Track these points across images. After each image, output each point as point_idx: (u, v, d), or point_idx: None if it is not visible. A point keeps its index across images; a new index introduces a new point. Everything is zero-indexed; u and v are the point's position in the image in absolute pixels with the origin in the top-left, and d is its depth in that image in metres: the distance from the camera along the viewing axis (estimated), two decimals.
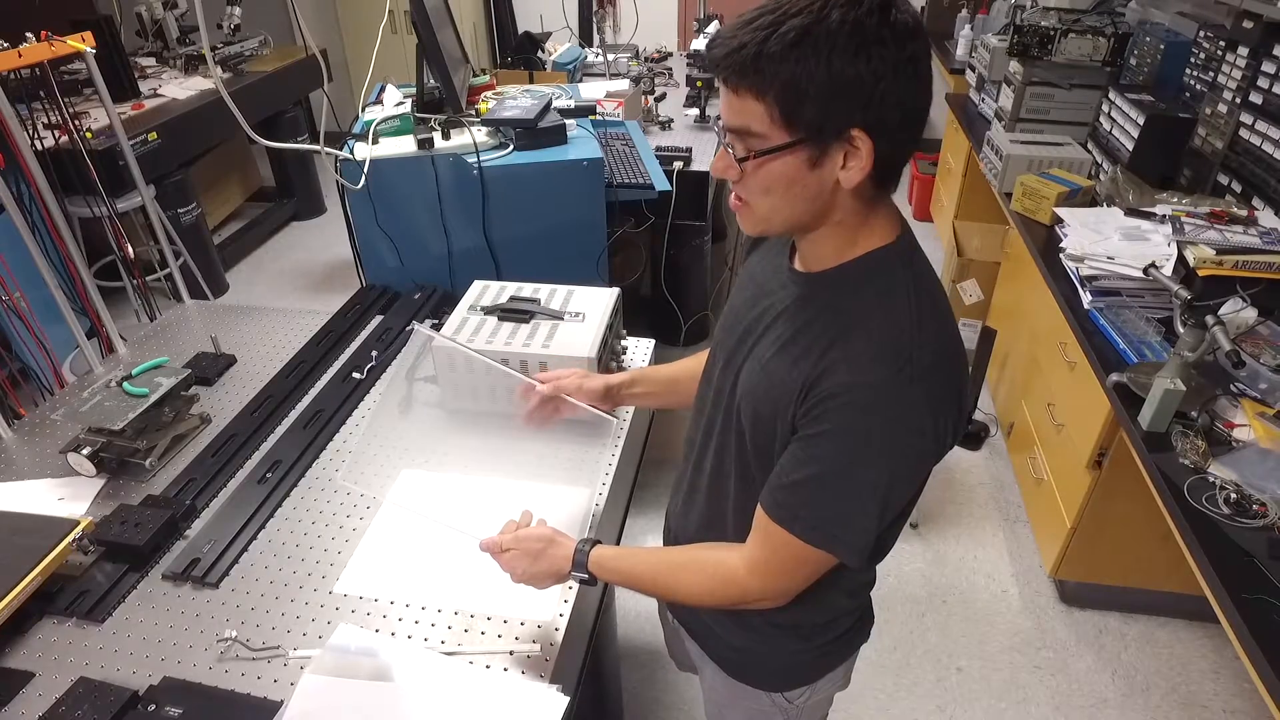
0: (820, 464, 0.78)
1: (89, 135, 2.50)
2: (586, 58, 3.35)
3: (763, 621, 1.00)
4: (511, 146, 1.94)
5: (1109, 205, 2.26)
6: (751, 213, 0.79)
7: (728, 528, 0.97)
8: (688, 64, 2.97)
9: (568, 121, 2.04)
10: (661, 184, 2.16)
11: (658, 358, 1.61)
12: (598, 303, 1.45)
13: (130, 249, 2.44)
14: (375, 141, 1.92)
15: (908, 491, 0.82)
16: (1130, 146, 2.45)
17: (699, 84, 2.84)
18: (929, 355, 0.75)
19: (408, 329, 1.28)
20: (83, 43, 1.55)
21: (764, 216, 0.79)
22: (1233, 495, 1.34)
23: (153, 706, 0.93)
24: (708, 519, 1.02)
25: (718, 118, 0.77)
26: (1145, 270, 1.81)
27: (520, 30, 4.32)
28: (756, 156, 0.73)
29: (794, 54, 0.67)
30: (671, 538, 1.13)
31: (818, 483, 0.79)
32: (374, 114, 2.04)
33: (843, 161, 0.71)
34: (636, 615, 2.11)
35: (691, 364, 1.16)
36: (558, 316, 1.41)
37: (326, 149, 1.80)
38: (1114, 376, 1.65)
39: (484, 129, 1.96)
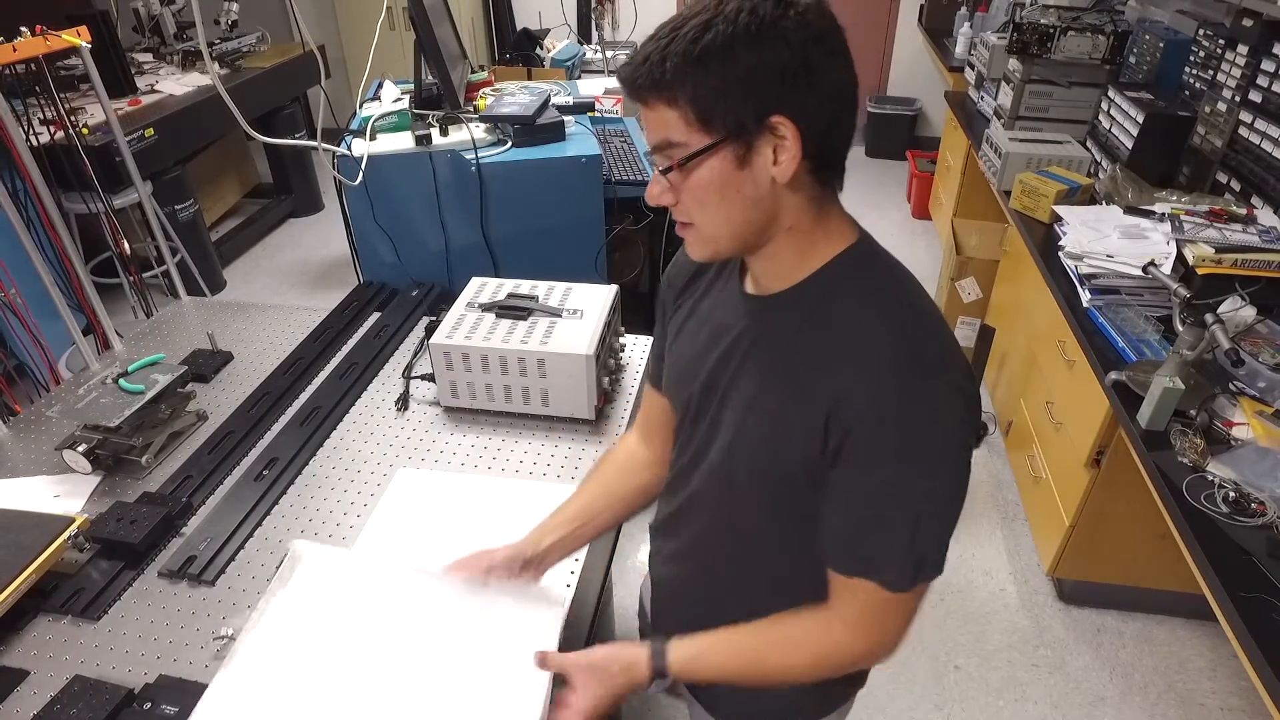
0: (878, 497, 0.73)
1: (85, 131, 2.49)
2: (585, 54, 3.35)
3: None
4: (510, 143, 1.94)
5: (1108, 203, 2.26)
6: (697, 233, 0.75)
7: (722, 575, 0.94)
8: None
9: (566, 118, 2.03)
10: None
11: None
12: (596, 300, 1.45)
13: (126, 245, 2.43)
14: (373, 138, 1.91)
15: (966, 485, 0.75)
16: (1129, 145, 2.45)
17: None
18: (935, 346, 0.73)
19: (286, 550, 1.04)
20: (78, 37, 1.54)
21: (710, 235, 0.75)
22: (1231, 494, 1.33)
23: (148, 704, 0.93)
24: (696, 568, 0.98)
25: (647, 151, 0.75)
26: (1144, 268, 1.81)
27: (519, 27, 4.31)
28: (680, 166, 0.70)
29: (697, 50, 0.65)
30: (662, 578, 1.07)
31: (886, 517, 0.73)
32: (372, 110, 2.04)
33: (774, 157, 0.69)
34: (633, 614, 2.11)
35: (597, 483, 1.06)
36: (556, 314, 1.40)
37: (324, 145, 1.79)
38: (1113, 375, 1.65)
39: (482, 125, 1.96)
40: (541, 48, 3.31)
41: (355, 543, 1.16)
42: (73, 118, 2.29)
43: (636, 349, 1.60)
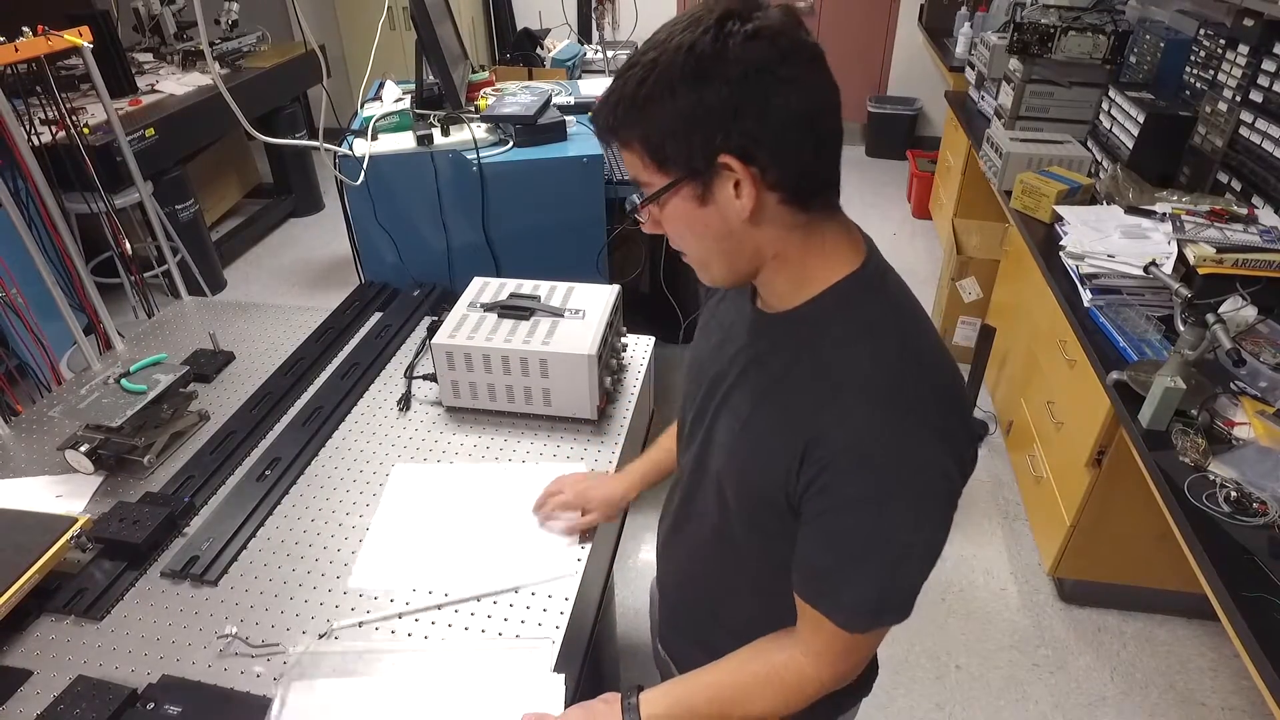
0: (847, 541, 0.72)
1: (86, 131, 2.49)
2: (586, 54, 3.35)
3: None
4: (511, 143, 1.94)
5: (1109, 203, 2.26)
6: (693, 262, 0.77)
7: (713, 583, 0.96)
8: None
9: (567, 118, 2.03)
10: None
11: (657, 355, 1.61)
12: (598, 300, 1.45)
13: (128, 245, 2.43)
14: (374, 138, 1.91)
15: (945, 534, 0.73)
16: (1130, 144, 2.45)
17: None
18: (926, 388, 0.70)
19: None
20: (80, 37, 1.54)
21: (700, 264, 0.76)
22: (1233, 493, 1.34)
23: (151, 705, 0.93)
24: (690, 572, 1.00)
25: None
26: (1145, 268, 1.81)
27: (519, 27, 4.31)
28: (644, 204, 0.72)
29: (643, 93, 0.65)
30: (661, 576, 1.10)
31: (852, 562, 0.72)
32: (373, 110, 2.04)
33: (735, 192, 0.67)
34: (636, 613, 2.11)
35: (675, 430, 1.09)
36: (558, 314, 1.40)
37: (326, 145, 1.79)
38: (1114, 374, 1.65)
39: (483, 125, 1.96)
40: (542, 48, 3.31)
41: (365, 541, 1.17)
42: (73, 117, 2.29)
43: (638, 349, 1.60)
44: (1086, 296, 1.92)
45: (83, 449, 1.27)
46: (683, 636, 1.08)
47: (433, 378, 1.43)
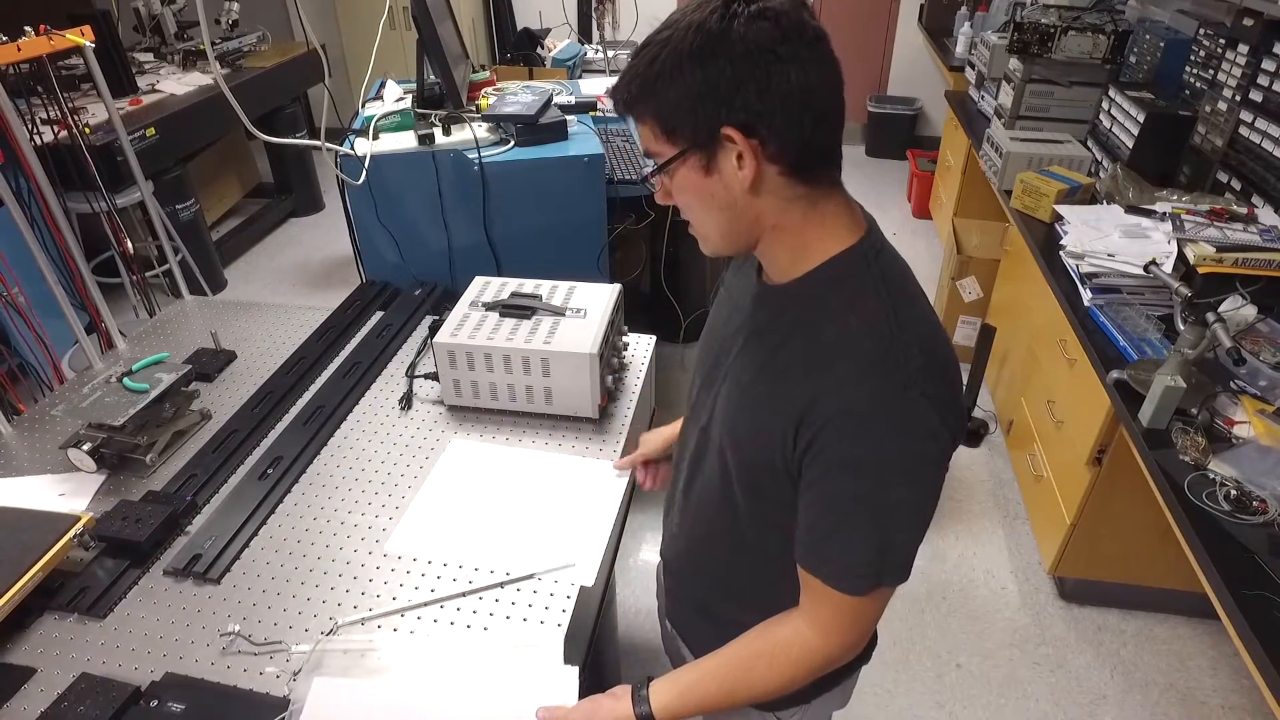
0: (841, 503, 0.75)
1: (87, 130, 2.49)
2: (586, 54, 3.35)
3: None
4: (512, 142, 1.94)
5: (1109, 203, 2.26)
6: (694, 231, 0.81)
7: (717, 549, 0.97)
8: None
9: (568, 118, 2.04)
10: None
11: (658, 354, 1.62)
12: (599, 299, 1.45)
13: (129, 245, 2.44)
14: (376, 137, 1.91)
15: (936, 497, 0.77)
16: (1130, 144, 2.45)
17: None
18: (917, 356, 0.72)
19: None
20: (82, 37, 1.54)
21: (702, 234, 0.80)
22: (1233, 492, 1.34)
23: (155, 702, 0.93)
24: (695, 537, 1.01)
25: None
26: (1146, 268, 1.82)
27: (519, 27, 4.31)
28: (655, 174, 0.76)
29: (654, 70, 0.70)
30: (668, 547, 1.12)
31: (847, 523, 0.75)
32: (374, 109, 2.04)
33: (739, 164, 0.71)
34: (636, 613, 2.11)
35: None
36: (559, 313, 1.41)
37: (327, 144, 1.79)
38: (1114, 374, 1.65)
39: (484, 125, 1.96)
40: (542, 47, 3.31)
41: (408, 509, 1.21)
42: (75, 117, 2.29)
43: (639, 348, 1.61)
44: (1086, 296, 1.92)
45: (85, 448, 1.28)
46: (686, 606, 1.10)
47: (434, 377, 1.44)
